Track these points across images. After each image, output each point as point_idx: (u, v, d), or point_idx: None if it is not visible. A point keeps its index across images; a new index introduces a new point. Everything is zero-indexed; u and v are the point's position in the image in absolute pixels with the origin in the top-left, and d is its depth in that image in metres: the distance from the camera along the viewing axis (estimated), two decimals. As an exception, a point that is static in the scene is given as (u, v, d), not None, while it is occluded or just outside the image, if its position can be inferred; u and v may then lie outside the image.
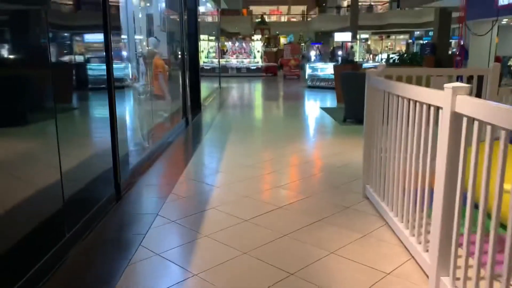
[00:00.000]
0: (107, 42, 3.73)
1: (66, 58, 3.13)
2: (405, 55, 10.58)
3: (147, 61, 7.50)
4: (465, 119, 2.03)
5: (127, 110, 5.54)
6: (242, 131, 7.35)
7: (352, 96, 7.73)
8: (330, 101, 11.48)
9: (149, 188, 4.29)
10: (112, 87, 3.81)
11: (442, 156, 2.19)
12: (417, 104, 2.61)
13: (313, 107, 10.63)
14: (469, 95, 2.09)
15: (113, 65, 3.83)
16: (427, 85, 4.20)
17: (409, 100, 2.75)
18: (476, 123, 1.95)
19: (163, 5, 7.88)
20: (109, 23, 3.73)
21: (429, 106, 2.44)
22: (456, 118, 2.11)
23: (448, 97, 2.12)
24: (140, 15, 8.49)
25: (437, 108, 2.31)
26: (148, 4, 9.14)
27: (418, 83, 3.96)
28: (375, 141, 3.67)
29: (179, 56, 7.97)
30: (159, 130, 6.84)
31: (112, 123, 3.82)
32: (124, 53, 6.63)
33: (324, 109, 9.78)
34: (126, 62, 6.58)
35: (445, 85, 2.15)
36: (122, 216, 3.57)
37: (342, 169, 4.81)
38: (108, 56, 3.75)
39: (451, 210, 2.16)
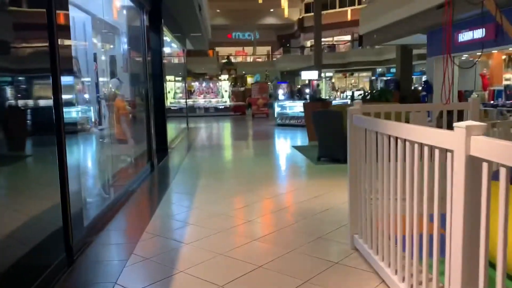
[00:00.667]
0: (55, 85, 3.27)
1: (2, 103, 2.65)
2: (374, 91, 10.58)
3: (109, 103, 7.04)
4: (485, 165, 1.68)
5: (84, 157, 5.02)
6: (212, 174, 6.89)
7: (325, 134, 7.47)
8: (301, 139, 11.23)
9: (107, 248, 3.73)
10: (61, 133, 3.32)
11: (458, 211, 1.81)
12: (416, 145, 2.27)
13: (285, 146, 10.33)
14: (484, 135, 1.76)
15: (64, 109, 3.36)
16: (406, 121, 3.95)
17: (404, 140, 2.41)
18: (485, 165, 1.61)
19: (126, 46, 7.52)
20: (58, 65, 3.29)
21: (431, 148, 2.10)
22: (472, 162, 1.76)
23: (461, 138, 1.77)
24: (102, 57, 8.09)
25: (445, 151, 1.96)
26: (112, 46, 8.76)
27: (397, 119, 3.70)
28: (362, 183, 3.30)
29: (144, 98, 7.54)
30: (122, 177, 6.30)
31: (62, 174, 3.31)
32: (83, 96, 6.16)
33: (296, 147, 9.48)
34: (85, 105, 6.10)
35: (456, 124, 1.81)
36: (74, 286, 3.00)
37: (323, 215, 4.40)
38: (57, 99, 3.28)
39: (473, 278, 1.77)
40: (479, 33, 12.15)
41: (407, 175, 2.38)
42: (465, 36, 13.15)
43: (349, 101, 15.40)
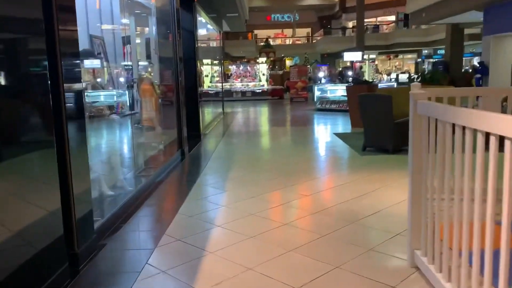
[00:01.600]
0: (53, 67, 2.74)
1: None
2: (426, 73, 9.59)
3: (138, 87, 6.58)
4: None
5: (99, 147, 4.55)
6: (246, 164, 6.31)
7: (372, 121, 6.70)
8: (343, 125, 10.45)
9: (120, 255, 3.24)
10: (62, 121, 2.81)
11: None
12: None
13: (326, 133, 9.60)
14: None
15: (66, 94, 2.84)
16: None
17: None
18: None
19: (155, 27, 7.01)
20: (58, 47, 2.76)
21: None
22: None
23: None
24: (132, 39, 7.65)
25: None
26: (138, 28, 8.29)
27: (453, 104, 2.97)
28: (428, 185, 2.61)
29: (174, 82, 7.02)
30: (148, 167, 5.83)
31: (63, 169, 2.81)
32: (102, 80, 5.71)
33: (338, 135, 8.73)
34: (107, 89, 5.65)
35: None
36: (73, 306, 2.52)
37: (373, 220, 3.73)
38: (56, 83, 2.76)
39: None
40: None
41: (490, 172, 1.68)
42: (529, 11, 11.78)
43: (395, 84, 14.36)
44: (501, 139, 1.75)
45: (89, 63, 7.03)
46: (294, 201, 4.34)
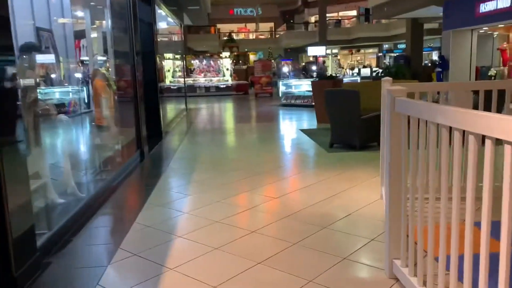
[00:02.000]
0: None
1: None
2: (390, 66, 9.54)
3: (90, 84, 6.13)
4: None
5: (46, 152, 4.12)
6: (210, 165, 5.99)
7: (339, 117, 6.52)
8: (309, 121, 10.29)
9: (67, 276, 2.86)
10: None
11: None
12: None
13: (292, 129, 9.39)
14: None
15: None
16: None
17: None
18: None
19: (110, 21, 6.55)
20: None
21: None
22: None
23: None
24: (80, 33, 7.15)
25: None
26: (88, 20, 7.79)
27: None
28: (409, 186, 2.41)
29: (131, 77, 6.59)
30: (103, 171, 5.42)
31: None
32: (49, 76, 5.25)
33: (304, 131, 8.54)
34: (49, 86, 5.19)
35: None
36: None
37: (345, 223, 3.51)
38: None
39: None
40: (505, 2, 10.98)
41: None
42: (487, 6, 12.00)
43: (358, 79, 14.38)
44: (483, 138, 1.55)
45: (41, 58, 6.51)
46: (261, 205, 4.07)
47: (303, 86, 13.95)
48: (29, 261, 2.72)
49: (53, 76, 5.63)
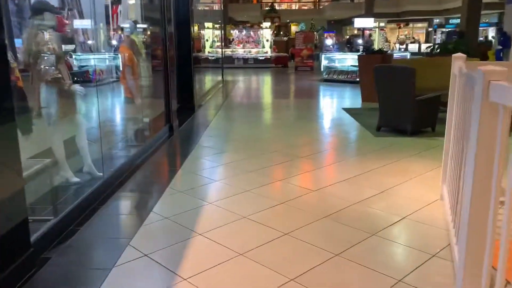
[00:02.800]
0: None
1: None
2: (448, 43, 8.54)
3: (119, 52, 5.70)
4: None
5: (60, 125, 3.71)
6: (243, 145, 5.45)
7: (389, 97, 5.79)
8: (353, 99, 9.52)
9: (62, 276, 2.43)
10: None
11: None
12: None
13: (334, 108, 8.68)
14: None
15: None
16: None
17: None
18: None
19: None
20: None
21: None
22: None
23: None
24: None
25: None
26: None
27: None
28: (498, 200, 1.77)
29: (162, 46, 6.08)
30: (126, 147, 5.00)
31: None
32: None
33: (348, 110, 7.82)
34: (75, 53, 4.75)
35: None
36: None
37: (398, 230, 2.91)
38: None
39: None
40: None
41: None
42: None
43: (408, 55, 13.32)
44: None
45: (78, 23, 6.09)
46: (296, 198, 3.51)
47: (348, 60, 13.07)
48: (20, 259, 2.30)
49: (79, 41, 5.20)
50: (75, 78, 4.71)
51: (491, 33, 25.76)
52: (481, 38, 23.72)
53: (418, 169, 4.24)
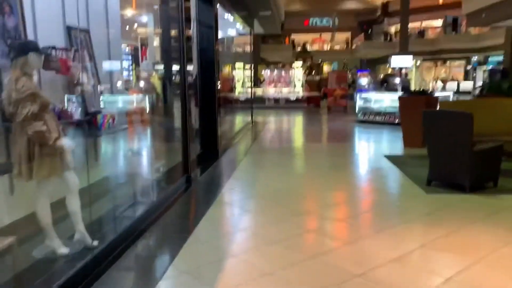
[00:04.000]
0: None
1: None
2: (503, 83, 7.64)
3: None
4: None
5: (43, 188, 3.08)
6: (268, 200, 4.67)
7: (442, 146, 4.92)
8: (393, 143, 8.63)
9: None
10: None
11: None
12: None
13: (374, 154, 7.81)
14: None
15: None
16: None
17: None
18: None
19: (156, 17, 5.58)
20: None
21: None
22: None
23: None
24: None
25: None
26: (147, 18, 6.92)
27: None
28: None
29: (182, 87, 5.50)
30: (131, 208, 4.33)
31: None
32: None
33: (390, 158, 6.94)
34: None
35: None
36: None
37: None
38: None
39: None
40: None
41: None
42: None
43: (451, 95, 12.39)
44: None
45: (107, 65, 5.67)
46: (334, 287, 2.67)
47: (385, 101, 12.24)
48: None
49: (84, 83, 4.67)
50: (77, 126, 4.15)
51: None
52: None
53: (490, 242, 3.33)
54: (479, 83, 26.02)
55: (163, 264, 3.12)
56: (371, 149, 8.50)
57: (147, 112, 5.58)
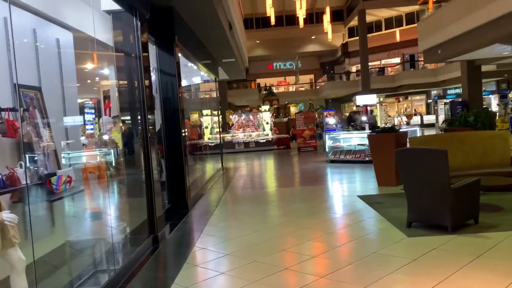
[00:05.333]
0: None
1: None
2: (469, 115, 7.71)
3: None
4: None
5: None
6: (242, 260, 4.31)
7: (419, 186, 4.75)
8: (366, 183, 8.48)
9: None
10: None
11: None
12: None
13: (347, 195, 7.60)
14: None
15: None
16: None
17: None
18: None
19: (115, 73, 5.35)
20: None
21: None
22: None
23: None
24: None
25: None
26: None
27: None
28: None
29: (142, 140, 5.19)
30: (92, 277, 3.89)
31: None
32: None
33: (364, 199, 6.75)
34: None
35: None
36: None
37: None
38: None
39: None
40: None
41: None
42: None
43: (418, 130, 12.54)
44: None
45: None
46: None
47: (353, 139, 12.25)
48: None
49: (35, 144, 4.30)
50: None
51: (494, 100, 25.42)
52: (484, 106, 23.30)
53: (484, 290, 3.08)
54: (441, 116, 26.86)
55: None
56: (344, 190, 8.31)
57: (109, 168, 5.21)
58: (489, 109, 21.15)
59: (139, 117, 5.21)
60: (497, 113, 17.49)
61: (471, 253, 3.87)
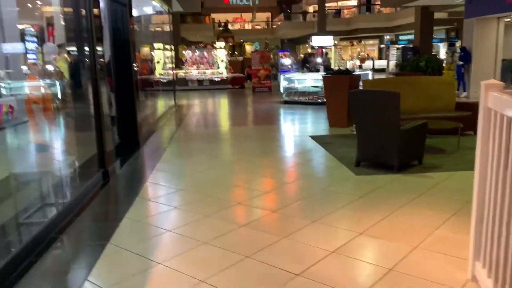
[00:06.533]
0: None
1: None
2: (420, 60, 7.87)
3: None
4: None
5: None
6: (195, 195, 4.34)
7: (370, 128, 4.89)
8: (318, 123, 8.65)
9: None
10: None
11: None
12: None
13: (299, 135, 7.72)
14: None
15: None
16: None
17: None
18: None
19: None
20: None
21: None
22: None
23: None
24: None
25: None
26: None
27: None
28: None
29: (90, 71, 4.91)
30: (39, 211, 3.78)
31: None
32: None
33: (316, 139, 6.90)
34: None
35: None
36: None
37: None
38: None
39: None
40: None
41: None
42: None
43: (370, 73, 12.74)
44: None
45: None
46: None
47: (307, 81, 12.30)
48: None
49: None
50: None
51: (443, 48, 26.14)
52: (434, 53, 23.94)
53: (424, 225, 3.30)
54: (393, 61, 27.38)
55: (77, 280, 2.69)
56: (297, 130, 8.44)
57: (55, 100, 4.93)
58: (438, 57, 21.83)
59: (86, 48, 4.89)
60: (445, 61, 18.09)
61: (414, 191, 4.10)
